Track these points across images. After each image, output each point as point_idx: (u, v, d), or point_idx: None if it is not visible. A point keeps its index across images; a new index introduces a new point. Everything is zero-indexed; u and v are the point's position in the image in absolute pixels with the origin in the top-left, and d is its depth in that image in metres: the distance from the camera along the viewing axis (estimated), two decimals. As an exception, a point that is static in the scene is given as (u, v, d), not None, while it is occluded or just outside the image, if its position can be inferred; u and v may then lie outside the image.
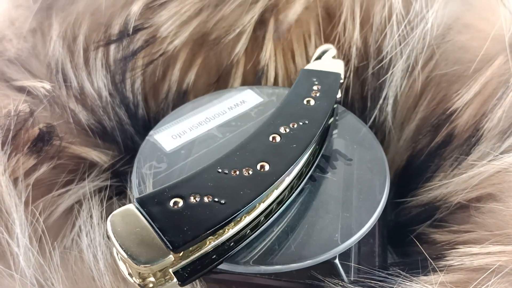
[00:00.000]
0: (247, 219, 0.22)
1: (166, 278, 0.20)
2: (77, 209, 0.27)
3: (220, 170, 0.22)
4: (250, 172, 0.22)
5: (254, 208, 0.22)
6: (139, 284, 0.20)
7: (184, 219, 0.20)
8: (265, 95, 0.31)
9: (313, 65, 0.29)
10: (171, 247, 0.19)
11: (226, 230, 0.21)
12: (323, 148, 0.27)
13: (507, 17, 0.28)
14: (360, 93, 0.33)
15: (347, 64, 0.32)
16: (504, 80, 0.27)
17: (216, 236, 0.21)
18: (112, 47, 0.32)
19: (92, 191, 0.28)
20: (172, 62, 0.33)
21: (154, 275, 0.20)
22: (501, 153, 0.26)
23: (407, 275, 0.23)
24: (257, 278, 0.25)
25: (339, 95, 0.28)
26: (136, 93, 0.33)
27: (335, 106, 0.28)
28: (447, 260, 0.24)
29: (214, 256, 0.22)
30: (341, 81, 0.29)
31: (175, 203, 0.21)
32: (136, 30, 0.31)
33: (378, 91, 0.31)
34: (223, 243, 0.22)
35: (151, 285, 0.20)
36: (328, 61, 0.30)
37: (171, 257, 0.19)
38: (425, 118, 0.30)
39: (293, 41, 0.32)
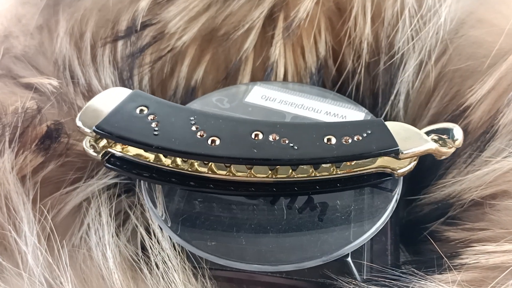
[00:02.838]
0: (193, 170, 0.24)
1: (100, 151, 0.24)
2: (86, 207, 0.27)
3: (191, 119, 0.23)
4: (202, 136, 0.23)
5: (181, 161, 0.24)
6: (92, 143, 0.24)
7: (125, 121, 0.23)
8: None
9: (399, 126, 0.24)
10: (95, 126, 0.23)
11: (165, 160, 0.24)
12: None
13: (522, 11, 0.28)
14: (371, 89, 0.32)
15: (358, 59, 0.31)
16: (520, 76, 0.27)
17: (153, 157, 0.24)
18: (120, 43, 0.31)
19: (101, 188, 0.28)
20: (180, 59, 0.32)
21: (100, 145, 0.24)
22: (516, 150, 0.26)
23: (422, 273, 0.23)
24: (268, 277, 0.24)
25: (406, 169, 0.24)
26: (144, 90, 0.32)
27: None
28: (462, 259, 0.23)
29: (154, 175, 0.24)
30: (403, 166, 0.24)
31: (141, 110, 0.23)
32: (144, 26, 0.31)
33: (390, 87, 0.31)
34: (170, 173, 0.24)
35: (95, 147, 0.24)
36: (422, 140, 0.23)
37: (92, 132, 0.23)
38: (438, 115, 0.30)
39: (303, 37, 0.32)
